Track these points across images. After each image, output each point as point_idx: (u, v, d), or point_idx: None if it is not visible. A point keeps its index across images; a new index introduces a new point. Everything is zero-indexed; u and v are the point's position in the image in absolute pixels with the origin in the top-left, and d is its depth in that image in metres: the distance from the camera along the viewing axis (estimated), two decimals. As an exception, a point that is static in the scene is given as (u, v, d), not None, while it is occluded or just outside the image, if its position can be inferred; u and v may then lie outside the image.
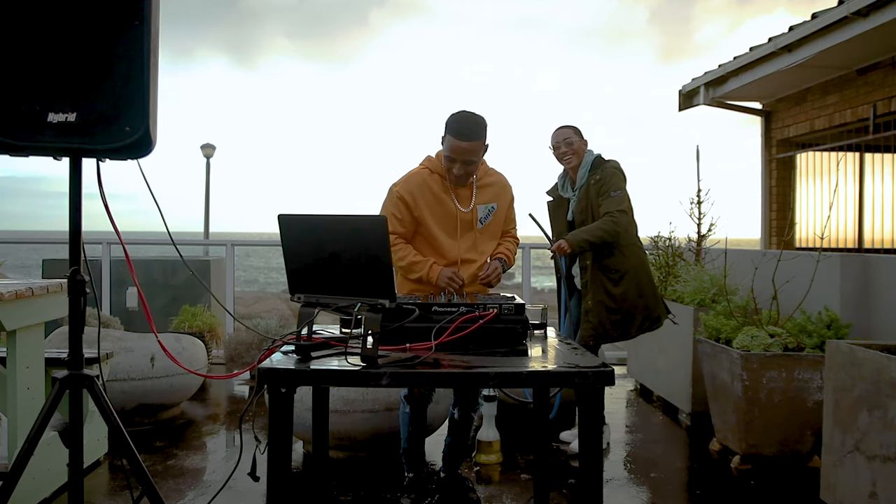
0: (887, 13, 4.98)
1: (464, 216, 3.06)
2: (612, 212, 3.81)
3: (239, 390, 5.51)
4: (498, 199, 3.15)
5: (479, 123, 2.92)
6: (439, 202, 3.03)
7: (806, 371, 3.58)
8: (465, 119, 2.92)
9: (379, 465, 3.70)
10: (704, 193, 5.47)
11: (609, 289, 3.89)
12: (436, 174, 3.06)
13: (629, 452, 4.03)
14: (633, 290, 3.90)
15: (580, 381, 1.79)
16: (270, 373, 1.77)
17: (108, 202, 1.98)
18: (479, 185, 3.11)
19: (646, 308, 3.94)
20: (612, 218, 3.79)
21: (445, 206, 3.04)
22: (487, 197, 3.12)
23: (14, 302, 2.82)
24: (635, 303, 3.90)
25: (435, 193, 3.04)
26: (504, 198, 3.18)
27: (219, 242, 7.56)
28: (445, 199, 3.04)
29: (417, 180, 3.04)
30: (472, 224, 3.09)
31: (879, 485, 2.62)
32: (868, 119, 6.18)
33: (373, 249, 1.87)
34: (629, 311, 3.90)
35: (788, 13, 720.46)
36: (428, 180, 3.04)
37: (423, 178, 3.05)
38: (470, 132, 2.90)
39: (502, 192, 3.18)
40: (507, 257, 3.16)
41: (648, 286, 3.96)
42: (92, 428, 3.52)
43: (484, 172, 3.14)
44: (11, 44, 1.85)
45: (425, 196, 3.02)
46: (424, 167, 3.09)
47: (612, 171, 3.91)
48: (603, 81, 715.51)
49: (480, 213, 3.10)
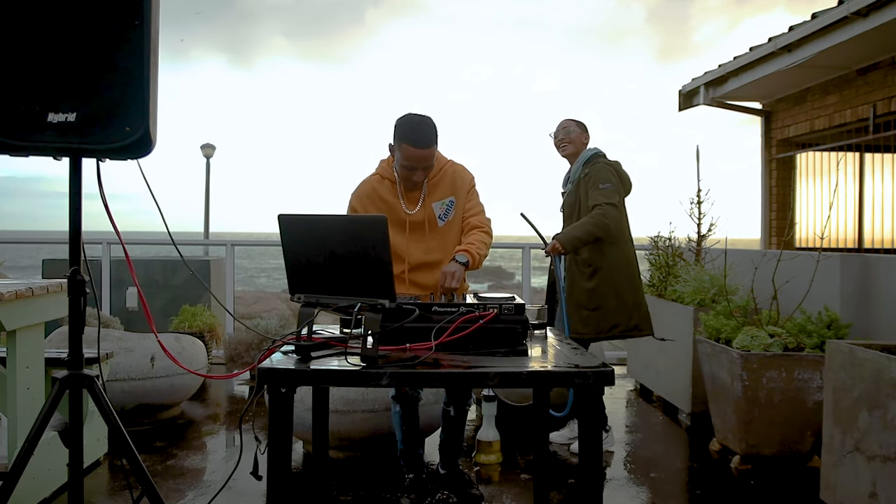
0: (887, 13, 4.98)
1: (413, 218, 2.99)
2: (600, 204, 3.73)
3: (239, 390, 5.51)
4: (455, 192, 3.03)
5: (431, 127, 2.87)
6: (389, 207, 2.98)
7: (806, 371, 3.58)
8: (419, 124, 2.85)
9: (379, 465, 3.70)
10: (704, 193, 5.46)
11: (581, 283, 3.84)
12: (386, 179, 3.02)
13: (629, 452, 4.03)
14: (605, 288, 3.81)
15: (580, 381, 1.79)
16: (270, 373, 1.77)
17: (108, 202, 1.97)
18: (431, 183, 3.01)
19: (619, 310, 3.83)
20: (601, 211, 3.71)
21: (395, 210, 2.98)
22: (442, 191, 3.01)
23: (14, 302, 2.82)
24: (607, 302, 3.81)
25: (384, 198, 3.00)
26: (462, 189, 3.04)
27: (219, 242, 7.56)
28: (394, 203, 2.99)
29: (367, 188, 3.04)
30: (429, 224, 3.00)
31: (879, 485, 2.62)
32: (868, 119, 6.18)
33: (373, 249, 1.87)
34: (598, 309, 3.82)
35: (787, 12, 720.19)
36: (377, 187, 3.02)
37: (372, 186, 3.03)
38: (426, 138, 2.84)
39: (459, 182, 3.04)
40: (469, 253, 2.84)
41: (626, 288, 3.85)
42: (92, 428, 3.52)
43: (437, 167, 3.01)
44: (11, 44, 1.84)
45: (375, 202, 3.00)
46: (376, 173, 3.07)
47: (602, 166, 3.84)
48: (602, 81, 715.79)
49: (438, 211, 3.00)
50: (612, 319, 3.85)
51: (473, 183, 3.10)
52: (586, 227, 3.72)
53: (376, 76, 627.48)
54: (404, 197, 3.00)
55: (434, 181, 3.02)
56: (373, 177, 3.07)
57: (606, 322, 3.85)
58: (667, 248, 5.49)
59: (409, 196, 3.01)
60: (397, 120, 2.92)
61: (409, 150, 2.84)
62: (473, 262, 2.88)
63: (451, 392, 3.18)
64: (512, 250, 5.23)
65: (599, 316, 3.84)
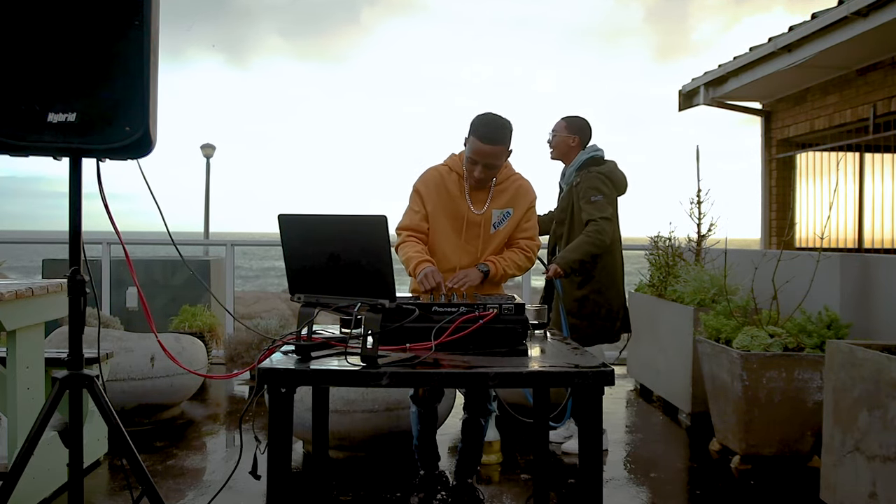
0: (887, 13, 4.98)
1: (473, 218, 2.99)
2: (595, 219, 3.73)
3: (239, 390, 5.51)
4: (515, 205, 3.03)
5: (504, 127, 2.87)
6: (451, 200, 3.00)
7: (806, 371, 3.58)
8: (491, 122, 2.87)
9: (379, 465, 3.70)
10: (704, 193, 5.46)
11: (570, 291, 3.88)
12: (454, 172, 3.03)
13: (629, 452, 4.03)
14: (596, 297, 3.86)
15: (580, 381, 1.79)
16: (270, 373, 1.77)
17: (108, 202, 1.98)
18: (497, 189, 3.02)
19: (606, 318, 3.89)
20: (596, 227, 3.71)
21: (456, 205, 3.00)
22: (504, 201, 3.02)
23: (14, 302, 2.82)
24: (596, 310, 3.86)
25: (449, 191, 3.01)
26: (522, 204, 3.04)
27: (219, 242, 7.56)
28: (458, 198, 3.00)
29: (434, 175, 3.05)
30: (483, 228, 3.00)
31: (879, 485, 2.62)
32: (868, 119, 6.18)
33: (373, 249, 1.87)
34: (588, 318, 3.87)
35: (786, 12, 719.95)
36: (445, 177, 3.03)
37: (439, 174, 3.04)
38: (494, 136, 2.85)
39: (522, 196, 3.04)
40: (494, 265, 2.96)
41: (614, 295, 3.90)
42: (92, 428, 3.52)
43: (505, 176, 3.03)
44: (11, 44, 1.85)
45: (439, 192, 3.01)
46: (445, 164, 3.08)
47: (594, 175, 3.82)
48: (601, 80, 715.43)
49: (494, 218, 3.01)
50: (599, 327, 3.90)
51: (534, 203, 3.10)
52: (584, 248, 3.71)
53: (373, 76, 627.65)
54: (471, 197, 3.01)
55: (500, 188, 3.03)
56: (441, 166, 3.08)
57: (593, 330, 3.89)
58: (667, 248, 5.48)
59: (473, 195, 3.01)
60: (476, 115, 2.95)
61: (476, 144, 2.86)
62: (495, 275, 2.93)
63: (466, 399, 3.17)
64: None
65: (588, 325, 3.88)
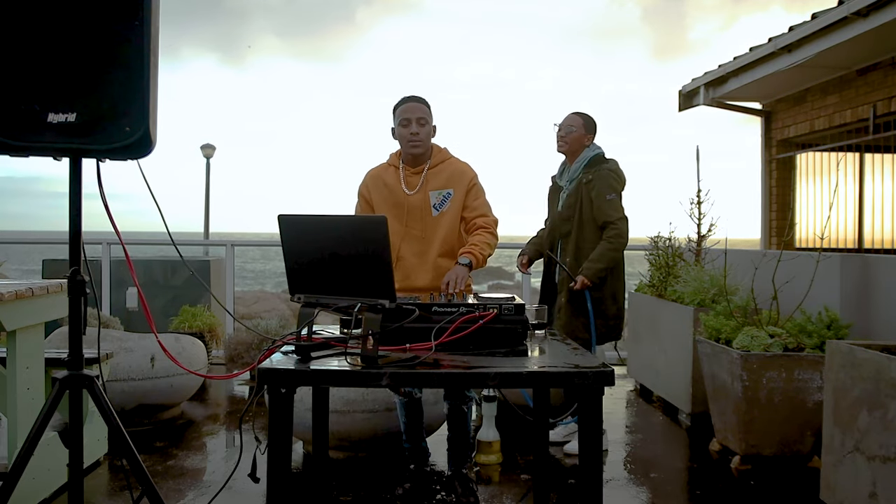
0: (887, 13, 4.98)
1: (411, 201, 3.11)
2: (613, 221, 3.77)
3: (239, 390, 5.51)
4: (454, 185, 3.13)
5: (422, 97, 3.13)
6: (389, 190, 3.16)
7: (806, 371, 3.58)
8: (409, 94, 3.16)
9: (379, 465, 3.70)
10: (704, 193, 5.46)
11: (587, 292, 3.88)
12: (391, 166, 3.21)
13: (629, 452, 4.03)
14: (607, 295, 3.87)
15: (580, 381, 1.79)
16: (270, 373, 1.77)
17: (108, 202, 1.98)
18: (431, 172, 3.14)
19: (615, 315, 3.92)
20: (616, 231, 3.76)
21: (394, 193, 3.14)
22: (441, 182, 3.13)
23: (14, 302, 2.82)
24: (608, 310, 3.88)
25: (387, 183, 3.17)
26: (461, 183, 3.13)
27: (219, 242, 7.56)
28: (395, 186, 3.15)
29: (372, 173, 3.25)
30: (424, 211, 3.11)
31: (879, 485, 2.62)
32: (868, 119, 6.18)
33: (373, 249, 1.87)
34: (603, 315, 3.88)
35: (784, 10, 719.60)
36: (382, 173, 3.22)
37: (377, 171, 3.24)
38: (414, 97, 3.11)
39: (459, 177, 3.15)
40: (472, 255, 2.97)
41: (620, 294, 3.95)
42: (92, 428, 3.52)
43: (440, 160, 3.17)
44: (11, 44, 1.84)
45: (377, 186, 3.19)
46: (384, 162, 3.27)
47: (606, 173, 3.85)
48: (599, 79, 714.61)
49: (434, 200, 3.12)
50: (611, 326, 3.94)
51: (474, 181, 3.18)
52: (608, 255, 3.75)
53: (370, 75, 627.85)
54: (405, 181, 3.14)
55: (434, 171, 3.15)
56: (380, 165, 3.27)
57: (607, 328, 3.92)
58: (667, 248, 5.48)
59: (409, 181, 3.14)
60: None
61: (402, 107, 3.09)
62: (477, 263, 3.01)
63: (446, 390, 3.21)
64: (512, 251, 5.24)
65: (602, 324, 3.90)
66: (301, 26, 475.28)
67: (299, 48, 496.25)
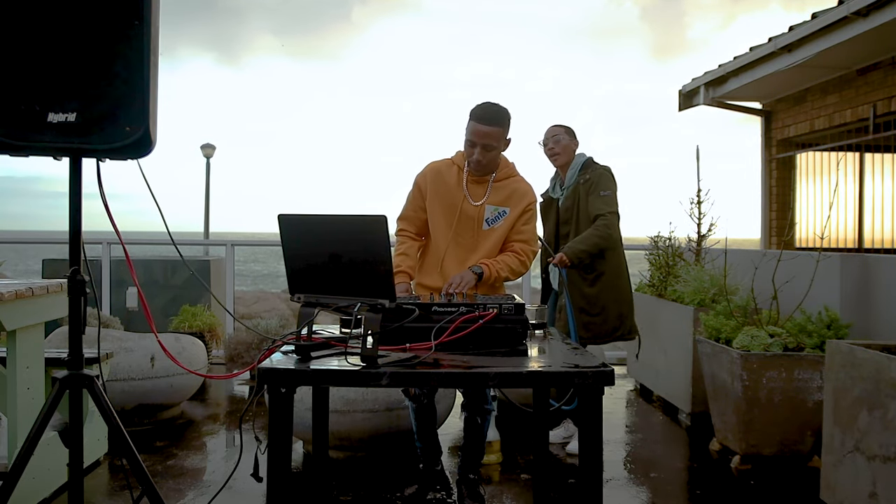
0: (887, 13, 4.98)
1: (467, 209, 3.00)
2: (603, 214, 3.79)
3: (239, 390, 5.51)
4: (512, 204, 3.02)
5: (501, 112, 2.94)
6: (448, 190, 3.04)
7: (806, 371, 3.58)
8: (488, 106, 2.94)
9: (379, 465, 3.70)
10: (704, 193, 5.46)
11: (583, 289, 3.90)
12: (455, 166, 3.08)
13: (629, 452, 4.03)
14: (607, 293, 3.90)
15: (580, 381, 1.79)
16: (270, 373, 1.77)
17: (108, 202, 1.98)
18: (496, 185, 3.03)
19: (619, 316, 3.93)
20: (605, 221, 3.78)
21: (452, 195, 3.03)
22: (501, 198, 3.02)
23: (14, 302, 2.82)
24: (609, 306, 3.90)
25: (446, 182, 3.05)
26: (519, 205, 3.03)
27: (219, 242, 7.56)
28: (455, 188, 3.03)
29: (434, 167, 3.11)
30: (477, 222, 3.01)
31: (879, 485, 2.62)
32: (868, 119, 6.18)
33: (373, 249, 1.87)
34: (601, 314, 3.90)
35: (782, 10, 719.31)
36: (444, 170, 3.08)
37: (439, 166, 3.10)
38: (490, 117, 2.91)
39: (519, 198, 3.04)
40: (487, 267, 2.93)
41: (624, 293, 3.97)
42: (92, 428, 3.52)
43: (506, 175, 3.05)
44: (11, 44, 1.85)
45: (436, 182, 3.06)
46: (448, 158, 3.13)
47: (601, 173, 3.91)
48: (598, 79, 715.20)
49: (488, 213, 3.01)
50: (613, 324, 3.95)
51: (532, 207, 3.08)
52: (592, 240, 3.76)
53: (367, 73, 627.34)
54: (468, 189, 3.03)
55: (499, 185, 3.04)
56: (444, 160, 3.14)
57: (607, 326, 3.94)
58: (667, 248, 5.48)
59: (471, 188, 3.03)
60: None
61: (472, 125, 2.92)
62: (489, 277, 2.92)
63: (465, 400, 3.17)
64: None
65: (601, 321, 3.92)
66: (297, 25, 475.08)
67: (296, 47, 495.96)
